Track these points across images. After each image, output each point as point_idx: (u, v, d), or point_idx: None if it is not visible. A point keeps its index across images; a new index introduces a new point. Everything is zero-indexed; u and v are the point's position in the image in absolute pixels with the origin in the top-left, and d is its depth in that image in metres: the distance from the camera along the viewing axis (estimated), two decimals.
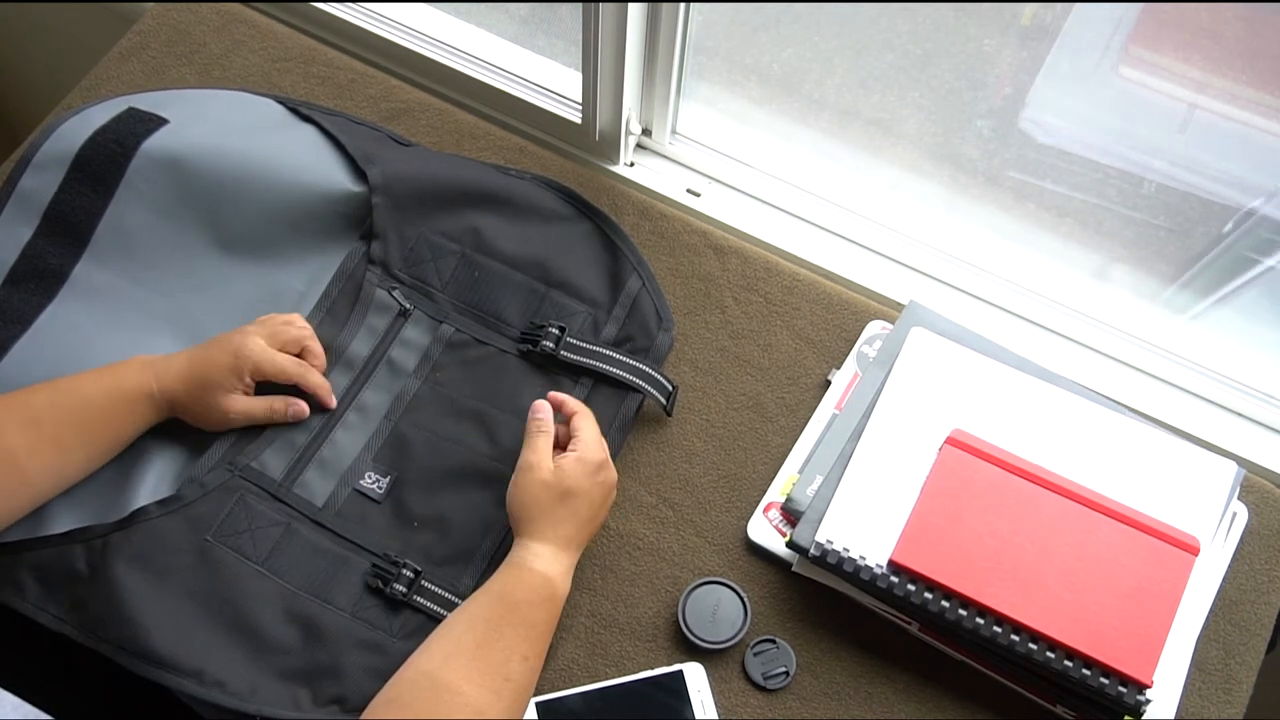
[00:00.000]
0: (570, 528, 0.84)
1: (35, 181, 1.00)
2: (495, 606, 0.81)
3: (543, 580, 0.82)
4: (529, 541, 0.84)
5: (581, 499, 0.84)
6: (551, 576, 0.83)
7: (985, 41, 1.00)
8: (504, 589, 0.82)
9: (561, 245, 1.02)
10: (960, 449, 0.91)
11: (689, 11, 1.00)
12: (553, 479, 0.84)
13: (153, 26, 1.17)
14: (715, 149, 1.13)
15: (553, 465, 0.85)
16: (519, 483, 0.85)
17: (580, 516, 0.85)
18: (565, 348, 0.96)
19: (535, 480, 0.84)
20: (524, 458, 0.86)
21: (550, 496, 0.84)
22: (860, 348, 1.01)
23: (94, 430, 0.87)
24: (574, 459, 0.85)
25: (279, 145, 1.03)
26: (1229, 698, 0.89)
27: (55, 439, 0.84)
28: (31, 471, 0.83)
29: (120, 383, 0.88)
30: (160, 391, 0.89)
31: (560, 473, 0.84)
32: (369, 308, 0.98)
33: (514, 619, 0.80)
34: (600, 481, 0.86)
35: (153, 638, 0.82)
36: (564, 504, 0.84)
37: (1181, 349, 1.03)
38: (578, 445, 0.86)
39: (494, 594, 0.82)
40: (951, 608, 0.85)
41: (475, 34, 1.18)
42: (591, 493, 0.85)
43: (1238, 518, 0.94)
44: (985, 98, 1.05)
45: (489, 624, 0.80)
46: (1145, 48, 0.97)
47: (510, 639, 0.79)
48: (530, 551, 0.83)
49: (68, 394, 0.86)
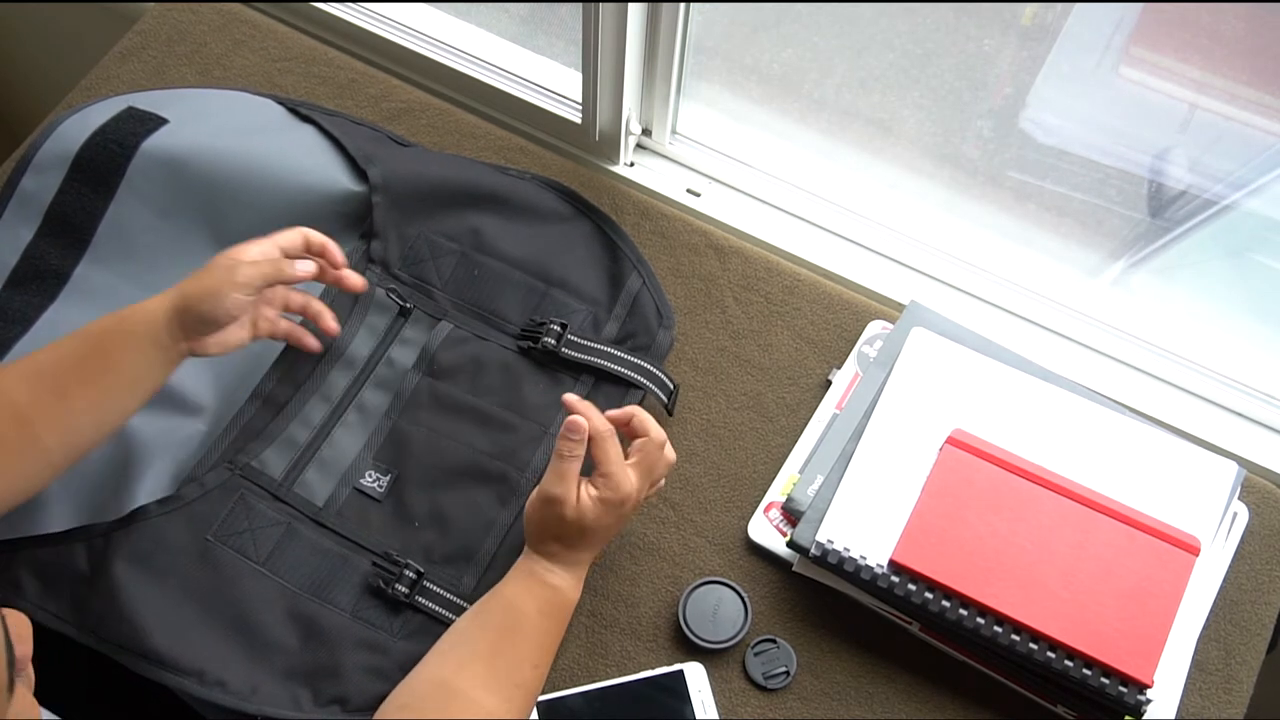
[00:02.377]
0: (584, 555, 0.84)
1: (35, 182, 1.00)
2: (508, 615, 0.81)
3: (554, 592, 0.82)
4: (539, 557, 0.83)
5: (602, 533, 0.83)
6: (562, 589, 0.83)
7: (985, 41, 1.01)
8: (517, 597, 0.82)
9: (561, 245, 1.02)
10: (960, 449, 0.91)
11: (689, 11, 1.00)
12: (574, 516, 0.81)
13: (153, 26, 1.17)
14: (715, 149, 1.13)
15: (576, 500, 0.81)
16: (542, 513, 0.82)
17: (598, 544, 0.84)
18: (566, 345, 0.96)
19: (556, 515, 0.81)
20: (550, 487, 0.81)
21: (571, 531, 0.82)
22: (861, 348, 1.01)
23: (93, 370, 0.80)
24: (597, 500, 0.81)
25: (278, 146, 1.03)
26: (1229, 698, 0.89)
27: (56, 386, 0.79)
28: (39, 426, 0.79)
29: (119, 315, 0.82)
30: (159, 305, 0.81)
31: (582, 511, 0.81)
32: (369, 307, 0.98)
33: (526, 628, 0.81)
34: (625, 516, 0.84)
35: (153, 637, 0.82)
36: (584, 538, 0.82)
37: (1181, 349, 1.03)
38: (601, 483, 0.81)
39: (506, 601, 0.82)
40: (952, 607, 0.85)
41: (475, 34, 1.18)
42: (611, 527, 0.83)
43: (1238, 518, 0.94)
44: (985, 98, 1.05)
45: (501, 632, 0.80)
46: (1145, 48, 0.97)
47: (523, 648, 0.80)
48: (543, 566, 0.83)
49: (68, 337, 0.82)
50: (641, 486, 0.83)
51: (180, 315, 0.82)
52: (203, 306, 0.82)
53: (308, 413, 0.94)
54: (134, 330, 0.81)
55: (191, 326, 0.82)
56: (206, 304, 0.82)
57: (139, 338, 0.81)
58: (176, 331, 0.82)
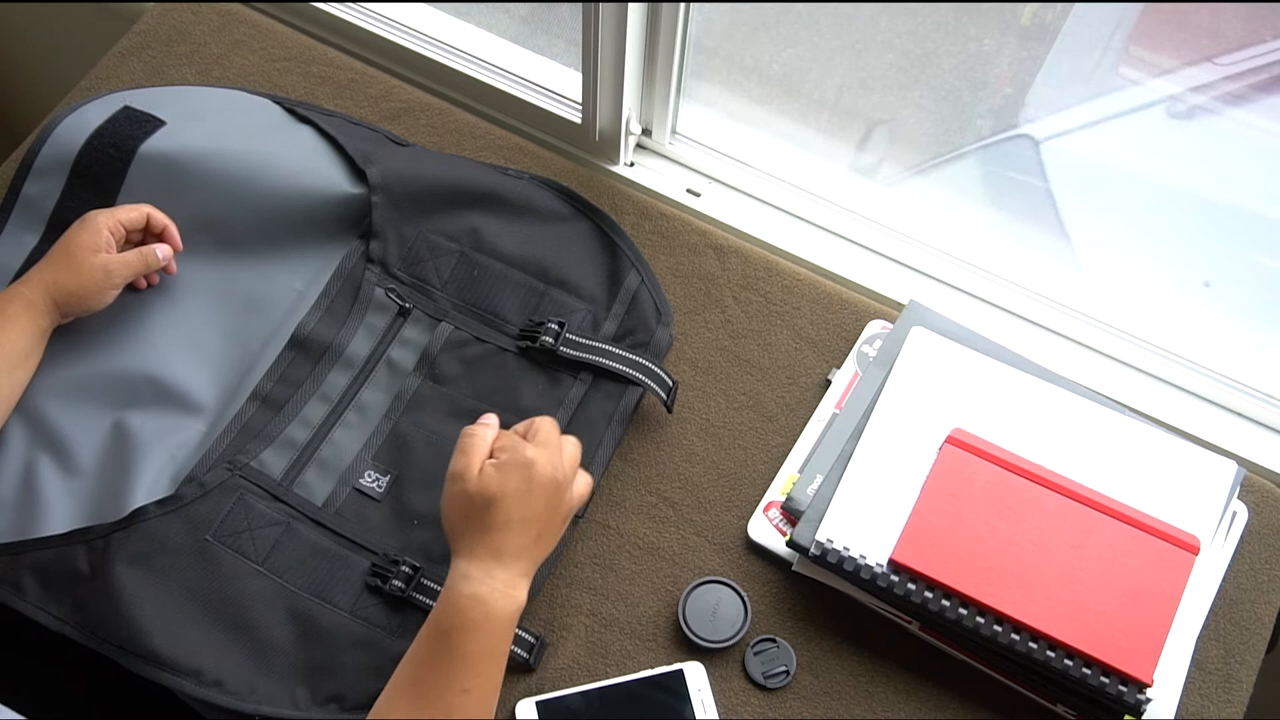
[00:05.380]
0: (499, 537, 0.77)
1: (37, 188, 1.01)
2: (427, 639, 0.77)
3: (471, 602, 0.75)
4: (456, 561, 0.78)
5: (509, 502, 0.77)
6: (482, 595, 0.75)
7: (985, 41, 1.01)
8: (436, 618, 0.77)
9: (560, 244, 1.02)
10: (960, 448, 0.91)
11: (689, 11, 1.00)
12: (475, 487, 0.77)
13: (153, 26, 1.17)
14: (715, 149, 1.13)
15: (479, 472, 0.78)
16: (445, 494, 0.79)
17: (511, 523, 0.77)
18: (565, 343, 0.96)
19: (457, 491, 0.78)
20: (451, 464, 0.79)
21: (473, 507, 0.77)
22: (860, 347, 1.01)
23: None
24: (493, 464, 0.78)
25: (277, 147, 1.03)
26: (1229, 697, 0.89)
27: None
28: None
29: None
30: (29, 288, 0.90)
31: (482, 479, 0.77)
32: (368, 307, 0.98)
33: (445, 649, 0.75)
34: (533, 479, 0.77)
35: (153, 637, 0.82)
36: (488, 513, 0.77)
37: (1181, 349, 1.03)
38: (497, 450, 0.79)
39: (429, 625, 0.77)
40: (952, 607, 0.85)
41: (475, 34, 1.18)
42: (523, 495, 0.77)
43: (1238, 517, 0.94)
44: (985, 98, 1.05)
45: (423, 659, 0.76)
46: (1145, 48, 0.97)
47: (445, 672, 0.75)
48: (457, 572, 0.77)
49: None
50: (542, 455, 0.78)
51: (60, 306, 0.91)
52: (86, 304, 0.92)
53: (307, 413, 0.94)
54: (17, 315, 0.89)
55: (70, 314, 0.93)
56: (90, 302, 0.92)
57: (14, 308, 0.90)
58: (55, 315, 0.92)
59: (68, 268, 0.91)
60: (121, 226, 0.93)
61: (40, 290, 0.90)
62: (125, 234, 0.94)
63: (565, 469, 0.80)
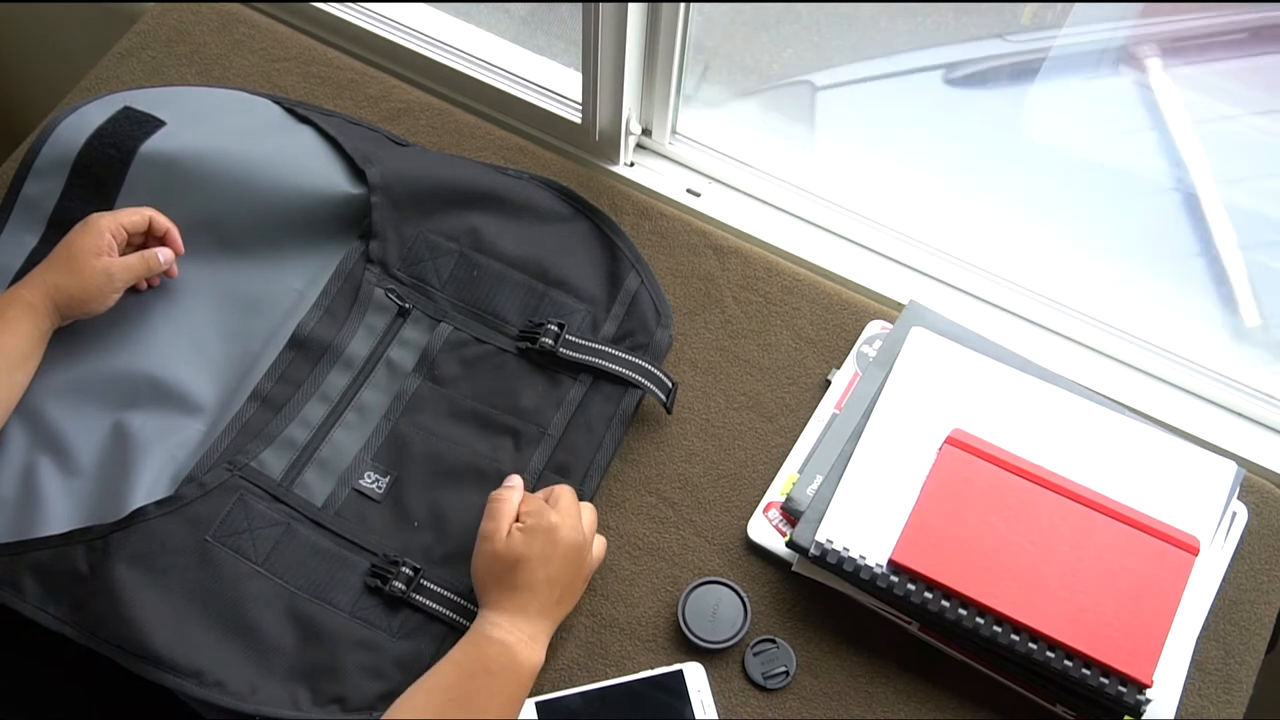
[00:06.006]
0: (525, 596, 0.82)
1: (37, 188, 1.01)
2: (454, 676, 0.80)
3: (500, 648, 0.81)
4: (485, 611, 0.83)
5: (535, 564, 0.82)
6: (510, 644, 0.81)
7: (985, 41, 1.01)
8: (464, 658, 0.81)
9: (560, 244, 1.02)
10: (960, 449, 0.91)
11: (689, 11, 1.00)
12: (503, 549, 0.83)
13: (153, 26, 1.17)
14: (715, 149, 1.13)
15: (506, 535, 0.83)
16: (475, 552, 0.85)
17: (536, 583, 0.83)
18: (564, 345, 0.96)
19: (487, 551, 0.83)
20: (481, 526, 0.85)
21: (501, 567, 0.83)
22: (860, 347, 1.01)
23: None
24: (519, 528, 0.84)
25: (276, 147, 1.03)
26: (1229, 698, 0.89)
27: None
28: None
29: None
30: (30, 290, 0.90)
31: (510, 542, 0.83)
32: (368, 307, 0.98)
33: (472, 689, 0.79)
34: (556, 543, 0.83)
35: (153, 638, 0.82)
36: (515, 573, 0.82)
37: (1181, 349, 1.03)
38: (523, 514, 0.84)
39: (454, 663, 0.81)
40: (951, 607, 0.85)
41: (475, 34, 1.18)
42: (547, 558, 0.83)
43: (1238, 518, 0.94)
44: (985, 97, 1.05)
45: (449, 695, 0.79)
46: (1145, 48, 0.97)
47: (470, 711, 0.78)
48: (486, 620, 0.82)
49: None
50: (565, 522, 0.84)
51: (61, 309, 0.91)
52: (87, 307, 0.92)
53: (307, 413, 0.94)
54: (18, 318, 0.90)
55: (70, 316, 0.93)
56: (91, 305, 0.92)
57: (13, 311, 0.90)
58: (55, 318, 0.92)
59: (69, 270, 0.91)
60: (123, 229, 0.93)
61: (41, 293, 0.91)
62: (127, 237, 0.94)
63: (585, 533, 0.86)
